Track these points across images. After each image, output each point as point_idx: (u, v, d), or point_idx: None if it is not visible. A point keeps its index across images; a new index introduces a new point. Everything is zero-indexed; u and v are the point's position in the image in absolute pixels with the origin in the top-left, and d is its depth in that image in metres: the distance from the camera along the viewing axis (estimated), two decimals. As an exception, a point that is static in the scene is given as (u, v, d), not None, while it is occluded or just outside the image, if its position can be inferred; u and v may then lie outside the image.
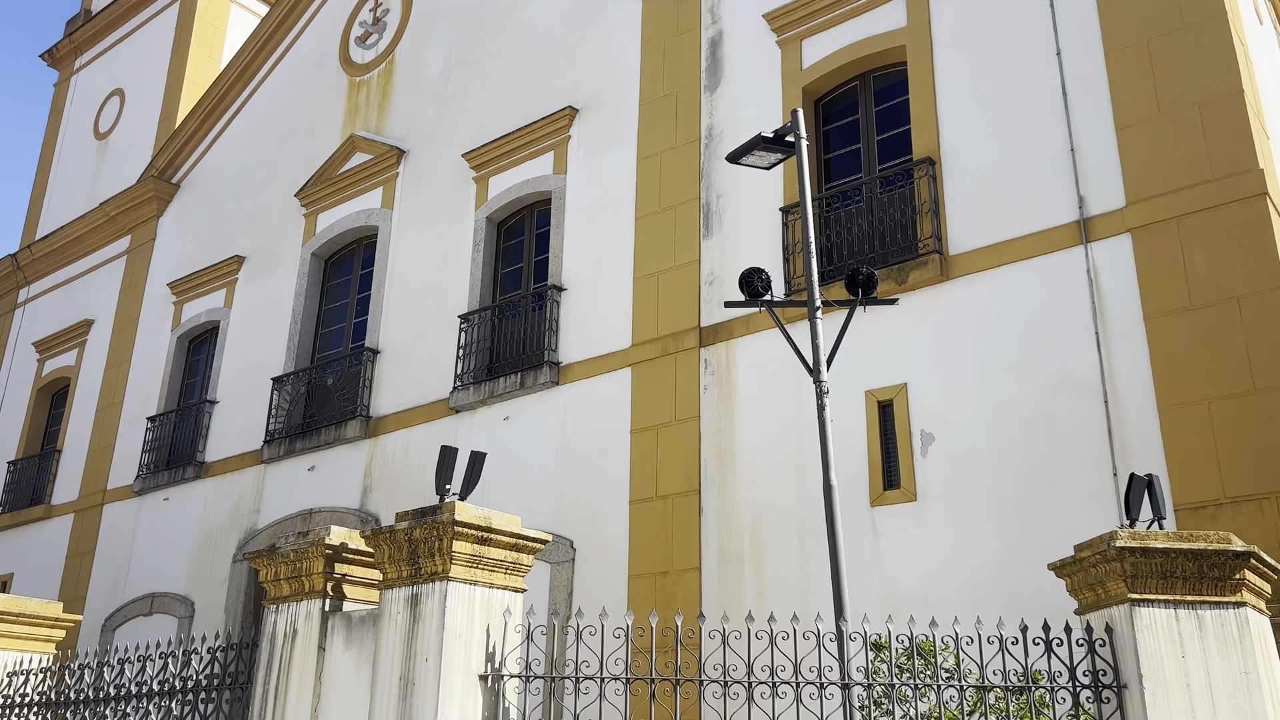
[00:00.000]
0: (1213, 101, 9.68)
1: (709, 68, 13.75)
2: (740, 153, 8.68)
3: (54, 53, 25.98)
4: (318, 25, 19.74)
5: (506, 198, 15.31)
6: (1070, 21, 10.83)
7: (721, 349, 12.33)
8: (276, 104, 19.87)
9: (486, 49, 16.61)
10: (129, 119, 23.30)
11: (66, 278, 22.81)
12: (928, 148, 11.40)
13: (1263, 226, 9.16)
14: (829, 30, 12.69)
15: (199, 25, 22.82)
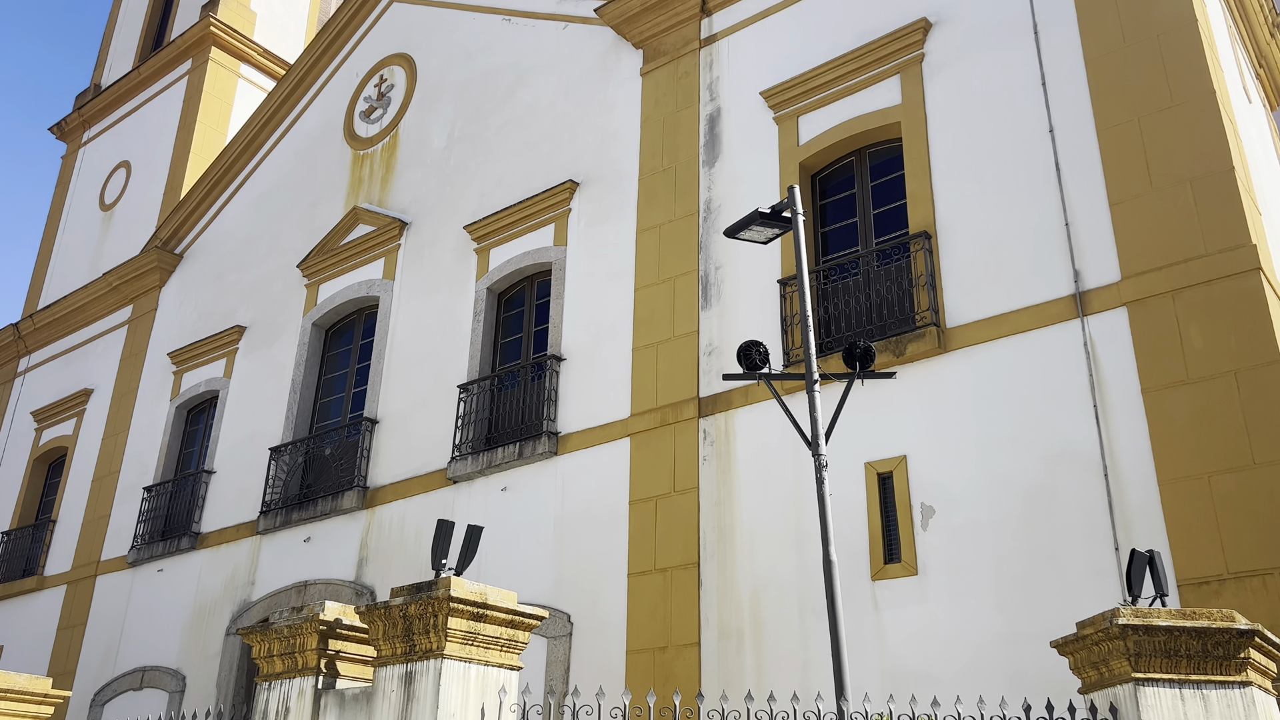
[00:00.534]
0: (1204, 178, 9.82)
1: (707, 143, 13.96)
2: (738, 228, 8.78)
3: (63, 126, 26.42)
4: (323, 100, 20.10)
5: (507, 268, 15.43)
6: (1062, 99, 11.04)
7: (720, 419, 12.33)
8: (281, 176, 20.14)
9: (489, 124, 16.89)
10: (134, 190, 23.60)
11: (67, 347, 22.89)
12: (924, 222, 11.53)
13: (1257, 301, 9.22)
14: (825, 108, 12.91)
15: (206, 99, 23.24)
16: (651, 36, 14.99)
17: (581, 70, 15.90)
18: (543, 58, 16.56)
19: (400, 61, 18.95)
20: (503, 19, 17.50)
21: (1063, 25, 11.28)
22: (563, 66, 16.19)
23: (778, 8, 13.92)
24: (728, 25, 14.39)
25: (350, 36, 20.11)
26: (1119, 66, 10.69)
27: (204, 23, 23.71)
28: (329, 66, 20.27)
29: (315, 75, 20.39)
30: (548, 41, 16.62)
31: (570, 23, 16.37)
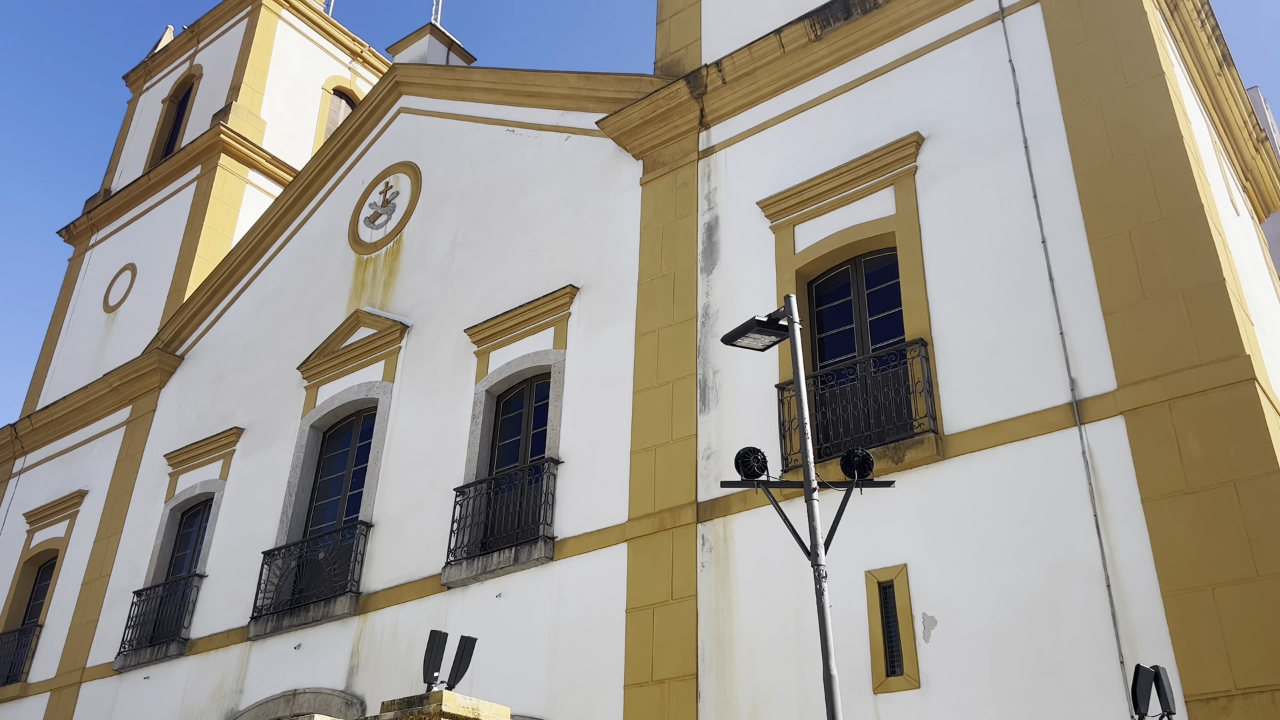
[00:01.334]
0: (1196, 289, 9.95)
1: (705, 250, 14.18)
2: (735, 335, 8.86)
3: (71, 230, 26.86)
4: (329, 206, 20.47)
5: (506, 371, 15.50)
6: (1053, 211, 11.25)
7: (719, 525, 12.22)
8: (284, 280, 20.38)
9: (492, 230, 17.17)
10: (138, 292, 23.86)
11: (64, 448, 22.82)
12: (920, 329, 11.63)
13: (1253, 411, 9.25)
14: (820, 217, 13.15)
15: (214, 204, 23.68)
16: (651, 148, 15.36)
17: (583, 179, 16.24)
18: (545, 167, 16.93)
19: (406, 170, 19.37)
20: (507, 130, 17.95)
21: (1052, 140, 11.57)
22: (564, 176, 16.55)
23: (773, 122, 14.30)
24: (725, 138, 14.75)
25: (357, 145, 20.60)
26: (1108, 180, 10.93)
27: (215, 130, 24.31)
28: (336, 173, 20.71)
29: (322, 182, 20.81)
30: (550, 152, 17.02)
31: (572, 134, 16.79)
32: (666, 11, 16.53)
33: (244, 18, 27.25)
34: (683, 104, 15.03)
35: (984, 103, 12.31)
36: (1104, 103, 11.30)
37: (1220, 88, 14.66)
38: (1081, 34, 11.79)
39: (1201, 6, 13.58)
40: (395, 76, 20.19)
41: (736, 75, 14.58)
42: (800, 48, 14.09)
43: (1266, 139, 16.11)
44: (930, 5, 13.18)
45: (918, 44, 13.23)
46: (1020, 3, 12.51)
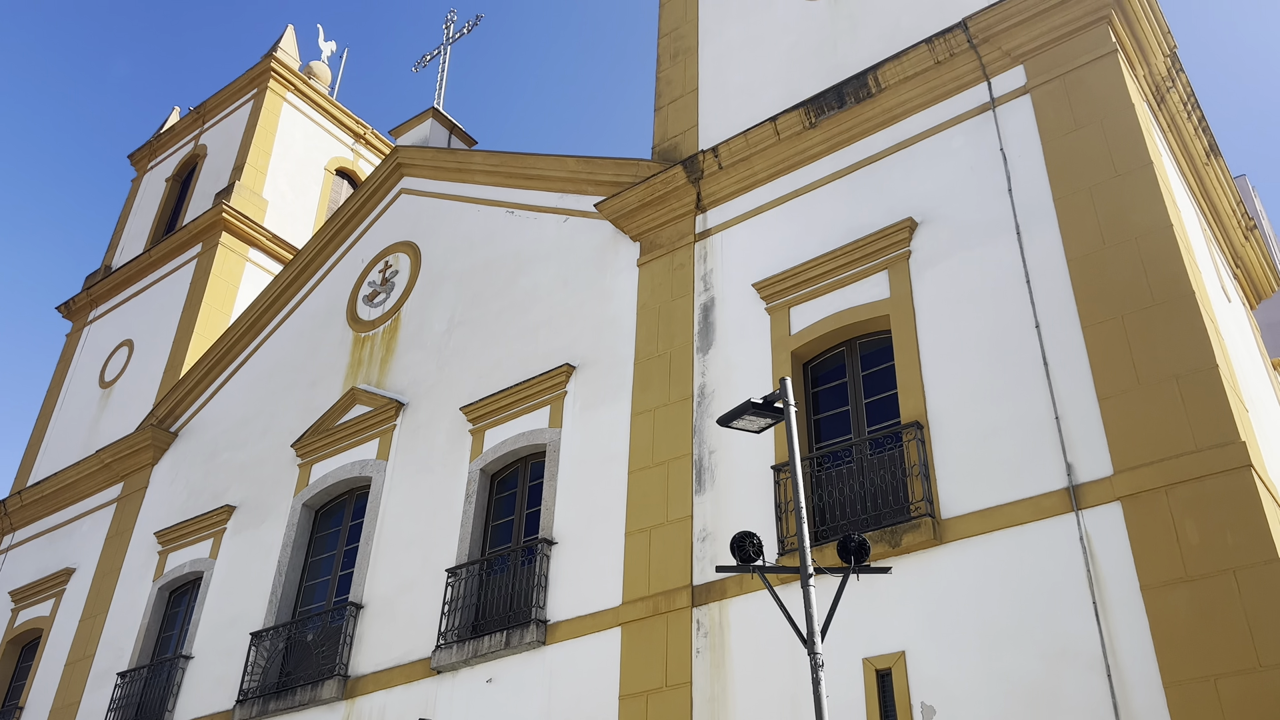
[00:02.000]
0: (1189, 375, 9.99)
1: (701, 330, 14.25)
2: (730, 417, 8.86)
3: (70, 305, 26.96)
4: (328, 284, 20.61)
5: (501, 450, 15.44)
6: (1046, 296, 11.34)
7: (714, 609, 12.06)
8: (281, 357, 20.41)
9: (489, 309, 17.27)
10: (135, 368, 23.86)
11: (52, 525, 22.58)
12: (915, 412, 11.63)
13: (1250, 498, 9.21)
14: (815, 299, 13.24)
15: (213, 282, 23.83)
16: (648, 230, 15.54)
17: (581, 260, 16.39)
18: (543, 248, 17.10)
19: (405, 249, 19.55)
20: (506, 212, 18.17)
21: (1044, 226, 11.72)
22: (562, 256, 16.70)
23: (769, 206, 14.49)
24: (721, 221, 14.94)
25: (358, 224, 20.82)
26: (1100, 267, 11.05)
27: (217, 209, 24.59)
28: (336, 252, 20.90)
29: (322, 260, 20.99)
30: (549, 233, 17.21)
31: (571, 216, 17.00)
32: (664, 99, 16.88)
33: (250, 100, 27.78)
34: (680, 188, 15.25)
35: (976, 189, 12.50)
36: (1094, 191, 11.49)
37: (1208, 177, 14.92)
38: (1071, 124, 12.04)
39: (1187, 99, 13.89)
40: (397, 158, 20.50)
41: (732, 160, 14.82)
42: (795, 134, 14.35)
43: (1255, 227, 16.35)
44: (922, 95, 13.47)
45: (910, 132, 13.49)
46: (1010, 93, 12.79)
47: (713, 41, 16.84)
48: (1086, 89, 12.14)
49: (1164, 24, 13.10)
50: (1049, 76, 12.48)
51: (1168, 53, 13.24)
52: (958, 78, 13.26)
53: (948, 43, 13.21)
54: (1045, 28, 12.65)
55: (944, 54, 13.26)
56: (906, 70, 13.48)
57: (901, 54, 13.50)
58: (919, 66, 13.42)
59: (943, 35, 13.23)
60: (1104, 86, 12.02)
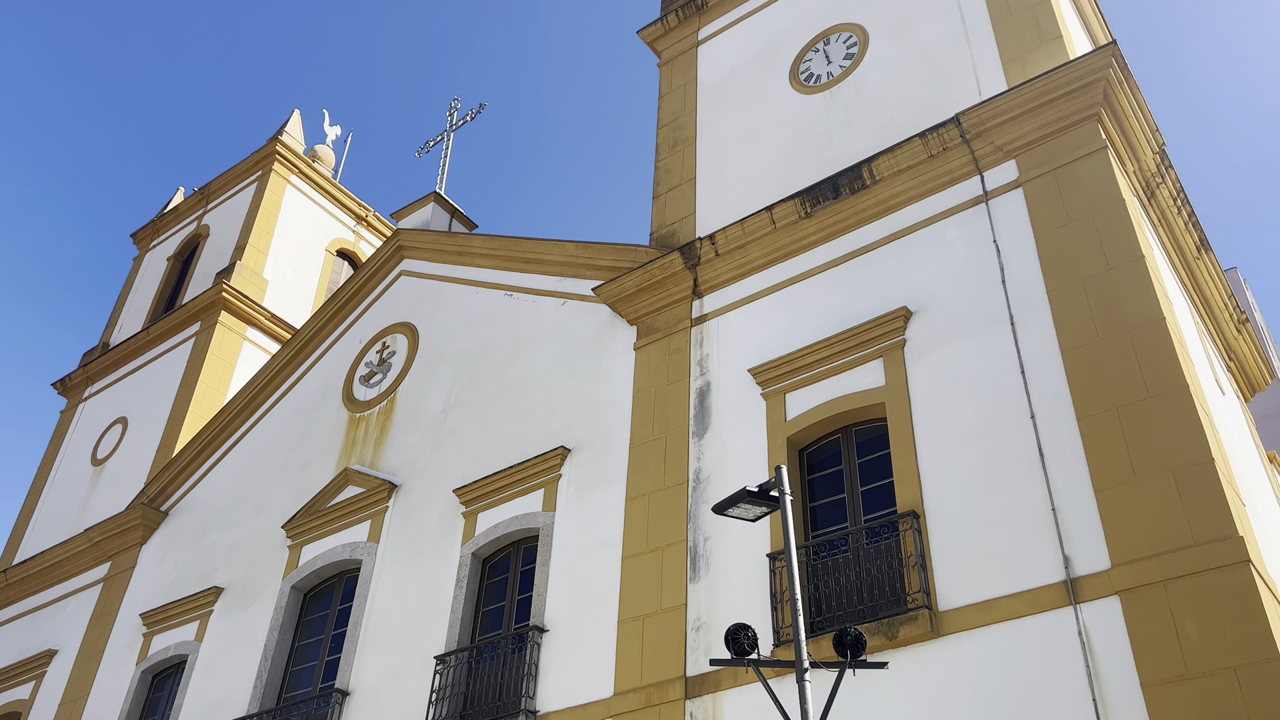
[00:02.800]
0: (1185, 468, 9.96)
1: (697, 415, 14.23)
2: (725, 505, 8.80)
3: (66, 382, 26.92)
4: (325, 364, 20.63)
5: (494, 533, 15.29)
6: (1041, 387, 11.37)
7: (708, 702, 11.81)
8: (275, 436, 20.32)
9: (485, 391, 17.27)
10: (127, 446, 23.72)
11: (37, 604, 22.20)
12: (911, 501, 11.57)
13: (1249, 594, 9.11)
14: (811, 386, 13.26)
15: (210, 360, 23.84)
16: (645, 315, 15.64)
17: (578, 343, 16.46)
18: (541, 330, 17.19)
19: (403, 330, 19.64)
20: (505, 294, 18.31)
21: (1038, 318, 11.81)
22: (560, 339, 16.78)
23: (765, 292, 14.61)
24: (717, 307, 15.05)
25: (357, 305, 20.94)
26: (1094, 358, 11.10)
27: (217, 288, 24.73)
28: (334, 332, 20.97)
29: (320, 340, 21.05)
30: (547, 316, 17.31)
31: (569, 300, 17.12)
32: (663, 187, 17.15)
33: (254, 181, 28.17)
34: (677, 274, 15.39)
35: (970, 280, 12.63)
36: (1087, 283, 11.60)
37: (1199, 271, 15.10)
38: (1063, 218, 12.22)
39: (1177, 194, 14.13)
40: (398, 241, 20.72)
41: (729, 248, 14.99)
42: (791, 224, 14.55)
43: (1247, 320, 16.49)
44: (916, 187, 13.70)
45: (905, 223, 13.68)
46: (1003, 187, 13.01)
47: (711, 133, 17.18)
48: (1078, 184, 12.35)
49: (1152, 122, 13.40)
50: (1041, 171, 12.71)
51: (1157, 150, 13.51)
52: (951, 171, 13.50)
53: (941, 137, 13.48)
54: (1036, 124, 12.93)
55: (937, 148, 13.52)
56: (900, 163, 13.73)
57: (895, 147, 13.77)
58: (913, 160, 13.67)
59: (936, 130, 13.51)
60: (1095, 181, 12.24)
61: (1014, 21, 14.27)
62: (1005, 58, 14.01)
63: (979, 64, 14.29)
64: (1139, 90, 13.11)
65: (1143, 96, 13.20)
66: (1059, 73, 12.76)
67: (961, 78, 14.36)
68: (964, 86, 14.23)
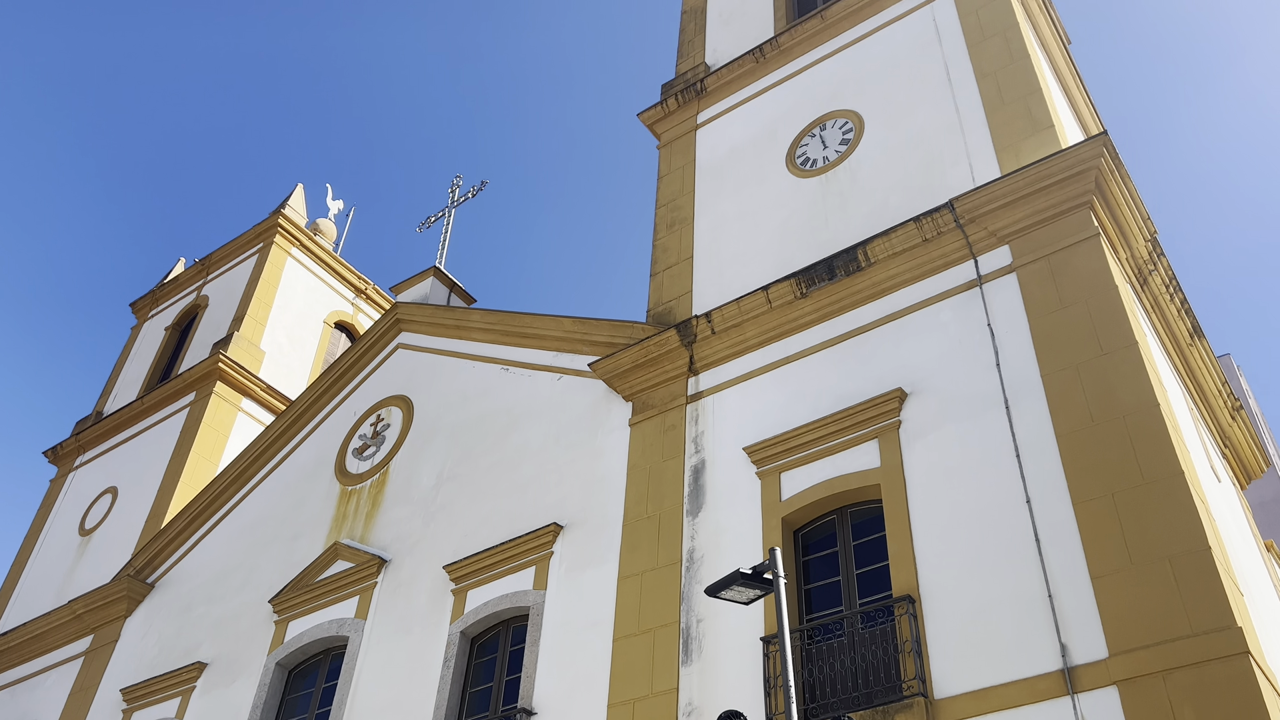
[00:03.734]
0: (1182, 556, 9.88)
1: (691, 493, 14.15)
2: (719, 587, 8.70)
3: (57, 451, 26.74)
4: (319, 436, 20.55)
5: (483, 611, 15.07)
6: (1036, 471, 11.33)
7: (698, 790, 11.51)
8: (266, 509, 20.14)
9: (479, 465, 17.18)
10: (116, 517, 23.47)
11: (16, 678, 21.74)
12: (907, 585, 11.44)
13: (1249, 687, 8.96)
14: (806, 466, 13.21)
15: (204, 431, 23.73)
16: (641, 391, 15.65)
17: (573, 418, 16.43)
18: (536, 405, 17.17)
19: (398, 403, 19.61)
20: (501, 369, 18.33)
21: (1032, 402, 11.82)
22: (555, 414, 16.75)
23: (760, 371, 14.65)
24: (713, 384, 15.06)
25: (353, 377, 20.94)
26: (1089, 443, 11.08)
27: (213, 358, 24.73)
28: (329, 404, 20.93)
29: (314, 412, 21.00)
30: (542, 390, 17.31)
31: (565, 375, 17.14)
32: (660, 265, 17.30)
33: (255, 253, 28.40)
34: (673, 351, 15.44)
35: (965, 363, 12.67)
36: (1081, 368, 11.64)
37: (1193, 357, 15.17)
38: (1057, 303, 12.31)
39: (1169, 281, 14.27)
40: (397, 314, 20.81)
41: (725, 326, 15.07)
42: (786, 304, 14.64)
43: (1241, 407, 16.51)
44: (910, 270, 13.83)
45: (899, 305, 13.78)
46: (997, 271, 13.13)
47: (708, 213, 17.40)
48: (1071, 270, 12.47)
49: (1143, 210, 13.59)
50: (1034, 257, 12.85)
51: (1148, 237, 13.68)
52: (945, 255, 13.64)
53: (935, 222, 13.66)
54: (1029, 211, 13.11)
55: (931, 232, 13.68)
56: (895, 246, 13.89)
57: (890, 231, 13.94)
58: (907, 243, 13.82)
59: (930, 214, 13.69)
60: (1088, 268, 12.36)
61: (1007, 110, 14.57)
62: (998, 145, 14.27)
63: (972, 151, 14.55)
64: (1129, 179, 13.32)
65: (1133, 185, 13.41)
66: (1051, 161, 12.98)
67: (955, 164, 14.60)
68: (958, 172, 14.46)
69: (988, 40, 15.62)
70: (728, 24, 20.68)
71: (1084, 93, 18.85)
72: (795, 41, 18.39)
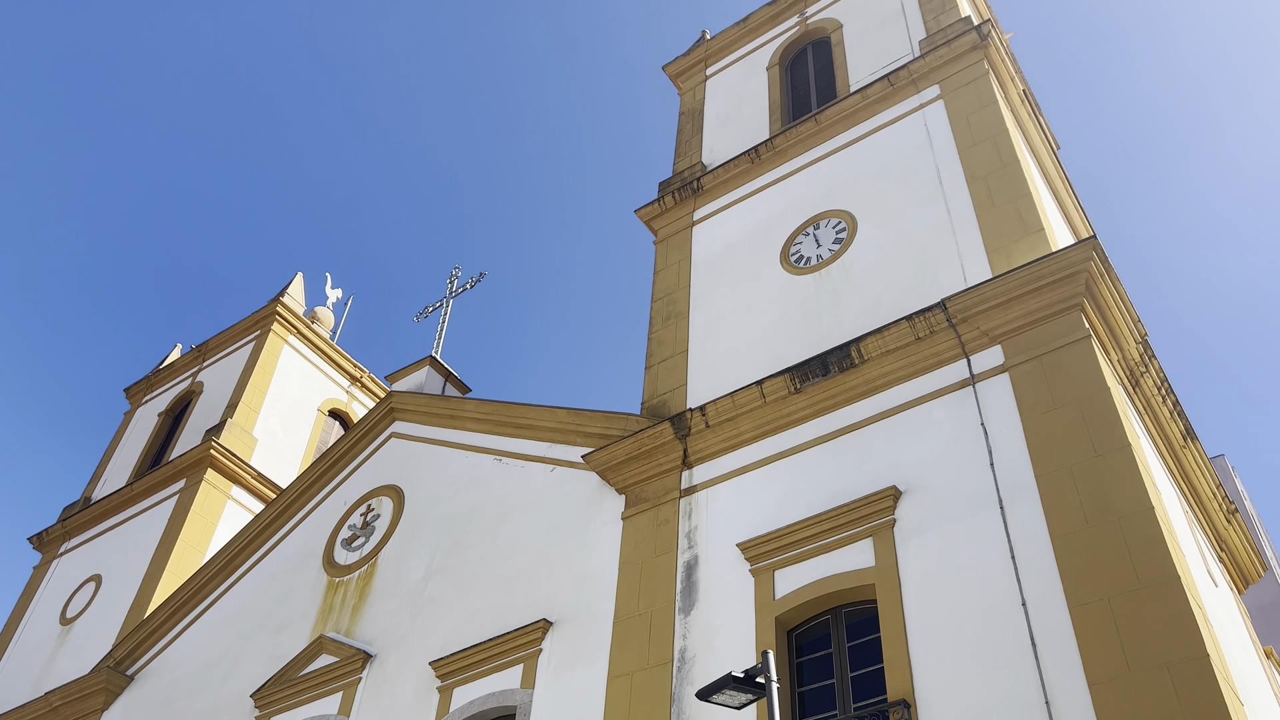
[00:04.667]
0: (1181, 663, 9.72)
1: (684, 590, 13.96)
2: (710, 690, 8.54)
3: (42, 537, 26.36)
4: (308, 526, 20.32)
5: (469, 710, 14.72)
6: (1031, 573, 11.21)
7: None
8: (251, 599, 19.81)
9: (469, 557, 16.98)
10: (99, 605, 23.04)
11: (-13, 772, 21.11)
12: (902, 689, 11.21)
13: (1254, 801, 8.74)
14: (800, 564, 13.06)
15: (192, 518, 23.46)
16: (634, 484, 15.57)
17: (565, 510, 16.30)
18: (528, 496, 17.05)
19: (389, 492, 19.46)
20: (494, 459, 18.25)
21: (1027, 503, 11.76)
22: (547, 506, 16.62)
23: (754, 466, 14.60)
24: (707, 478, 15.00)
25: (345, 466, 20.81)
26: (1085, 546, 10.99)
27: (205, 445, 24.59)
28: (319, 493, 20.76)
29: (304, 501, 20.81)
30: (535, 481, 17.21)
31: (558, 466, 17.06)
32: (655, 357, 17.38)
33: (252, 341, 28.49)
34: (667, 443, 15.41)
35: (959, 462, 12.64)
36: (1075, 470, 11.61)
37: (1186, 460, 15.16)
38: (1049, 404, 12.35)
39: (1161, 384, 14.34)
40: (391, 403, 20.79)
41: (719, 420, 15.07)
42: (780, 398, 14.68)
43: (1236, 510, 16.43)
44: (904, 368, 13.90)
45: (893, 402, 13.81)
46: (989, 371, 13.20)
47: (703, 307, 17.56)
48: (1063, 370, 12.54)
49: (1134, 313, 13.74)
50: (1026, 357, 12.94)
51: (1139, 339, 13.80)
52: (938, 353, 13.73)
53: (928, 320, 13.78)
54: (1020, 312, 13.25)
55: (924, 330, 13.80)
56: (888, 344, 13.98)
57: (884, 328, 14.05)
58: (900, 341, 13.92)
59: (923, 313, 13.82)
60: (1080, 369, 12.43)
61: (997, 213, 14.84)
62: (990, 247, 14.49)
63: (964, 252, 14.76)
64: (1119, 282, 13.50)
65: (1123, 287, 13.58)
66: (1042, 263, 13.16)
67: (947, 264, 14.80)
68: (950, 273, 14.65)
69: (978, 145, 15.99)
70: (724, 125, 21.19)
71: (1073, 196, 19.23)
72: (790, 143, 18.82)
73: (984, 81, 16.94)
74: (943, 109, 17.09)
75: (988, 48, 17.46)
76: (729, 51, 23.22)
